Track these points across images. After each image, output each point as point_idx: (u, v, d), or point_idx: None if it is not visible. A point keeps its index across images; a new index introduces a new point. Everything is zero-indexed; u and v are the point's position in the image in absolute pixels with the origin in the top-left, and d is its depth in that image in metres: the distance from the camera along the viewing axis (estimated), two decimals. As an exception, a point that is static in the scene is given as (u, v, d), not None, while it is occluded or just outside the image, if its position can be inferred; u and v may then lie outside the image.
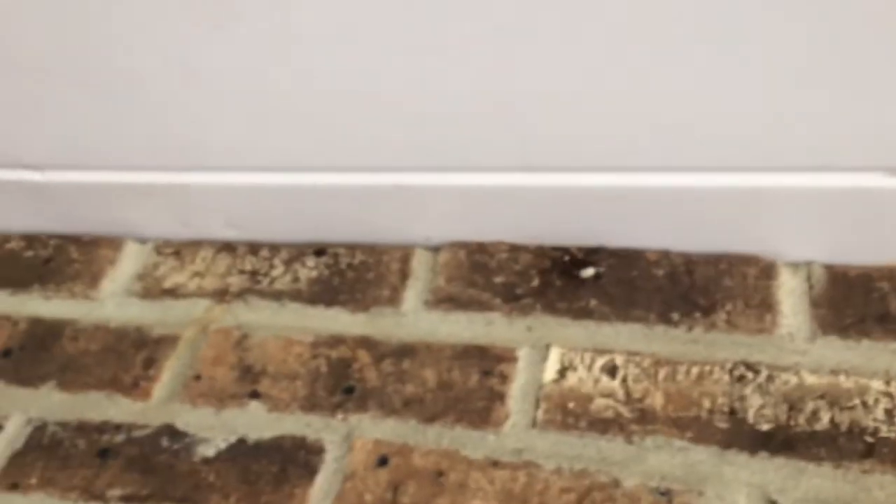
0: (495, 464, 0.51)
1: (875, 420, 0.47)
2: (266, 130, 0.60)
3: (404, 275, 0.63)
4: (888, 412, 0.48)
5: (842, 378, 0.50)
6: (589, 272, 0.59)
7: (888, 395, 0.48)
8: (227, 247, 0.69)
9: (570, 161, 0.57)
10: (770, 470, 0.47)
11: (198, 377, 0.60)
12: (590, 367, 0.54)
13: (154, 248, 0.71)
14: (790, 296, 0.55)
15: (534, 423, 0.52)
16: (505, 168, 0.58)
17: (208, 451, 0.56)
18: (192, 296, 0.66)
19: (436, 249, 0.64)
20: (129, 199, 0.69)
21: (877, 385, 0.49)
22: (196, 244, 0.70)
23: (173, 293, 0.66)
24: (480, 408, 0.54)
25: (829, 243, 0.55)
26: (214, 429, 0.57)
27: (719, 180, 0.54)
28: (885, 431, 0.47)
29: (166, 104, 0.60)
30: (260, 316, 0.63)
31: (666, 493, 0.47)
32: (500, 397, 0.54)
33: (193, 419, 0.58)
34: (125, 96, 0.60)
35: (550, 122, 0.54)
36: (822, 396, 0.49)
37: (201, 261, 0.69)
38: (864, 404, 0.48)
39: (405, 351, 0.58)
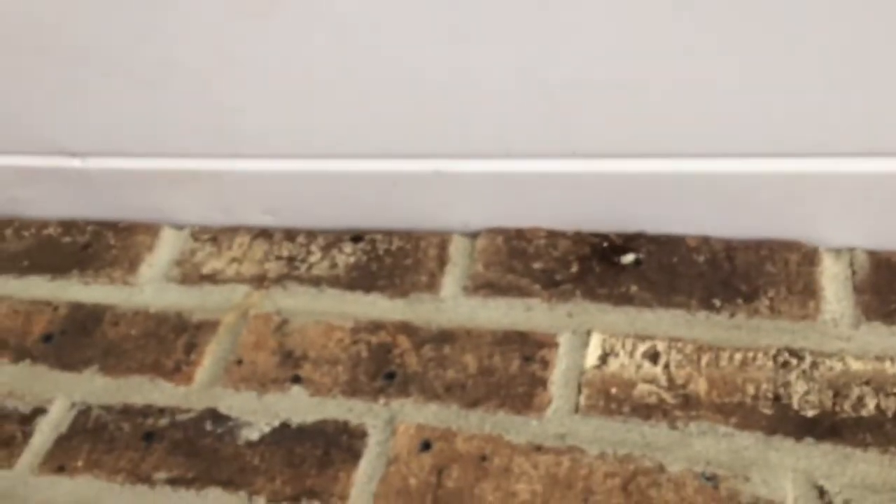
0: (539, 448, 0.51)
1: (922, 406, 0.48)
2: (304, 117, 0.61)
3: (442, 261, 0.64)
4: (935, 399, 0.48)
5: (887, 364, 0.50)
6: (629, 258, 0.59)
7: (935, 381, 0.48)
8: (264, 233, 0.69)
9: (610, 147, 0.57)
10: (816, 456, 0.47)
11: (239, 362, 0.61)
12: (631, 354, 0.54)
13: (191, 234, 0.71)
14: (833, 282, 0.54)
15: (576, 409, 0.53)
16: (544, 154, 0.58)
17: (252, 434, 0.57)
18: (231, 281, 0.66)
19: (473, 235, 0.65)
20: (167, 186, 0.70)
21: (923, 371, 0.49)
22: (232, 230, 0.70)
23: (212, 279, 0.67)
24: (522, 393, 0.54)
25: (872, 229, 0.55)
26: (257, 413, 0.58)
27: (760, 166, 0.54)
28: (932, 418, 0.47)
29: (204, 91, 0.60)
30: (298, 301, 0.64)
31: (712, 479, 0.48)
32: (542, 383, 0.55)
33: (236, 403, 0.59)
34: (164, 84, 0.60)
35: (590, 108, 0.54)
36: (867, 382, 0.49)
37: (238, 247, 0.69)
38: (911, 391, 0.48)
39: (445, 337, 0.59)
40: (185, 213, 0.72)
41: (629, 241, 0.60)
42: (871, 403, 0.48)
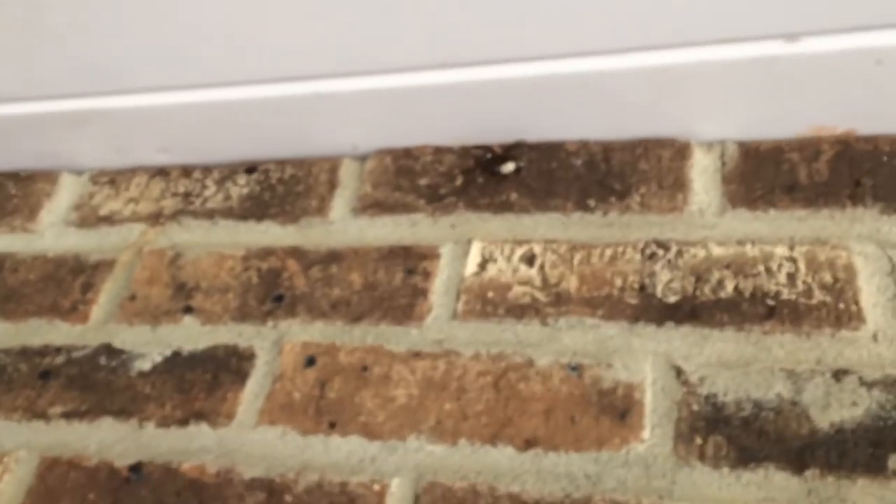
0: (417, 355, 0.52)
1: (777, 284, 0.48)
2: (185, 45, 0.60)
3: (332, 185, 0.64)
4: (790, 276, 0.49)
5: (748, 247, 0.50)
6: (509, 167, 0.60)
7: (791, 259, 0.49)
8: (161, 172, 0.69)
9: (481, 54, 0.56)
10: (676, 339, 0.48)
11: (133, 297, 0.61)
12: (509, 258, 0.55)
13: (90, 178, 0.71)
14: (703, 174, 0.55)
15: (454, 315, 0.53)
16: (418, 67, 0.58)
17: (144, 365, 0.57)
18: (128, 221, 0.66)
19: (363, 158, 0.65)
20: (62, 130, 0.69)
21: (781, 251, 0.50)
22: (131, 171, 0.70)
23: (109, 220, 0.67)
24: (404, 304, 0.55)
25: (741, 119, 0.55)
26: (150, 344, 0.58)
27: (629, 61, 0.54)
28: (786, 294, 0.48)
29: (80, 26, 0.59)
30: (193, 235, 0.64)
31: (576, 368, 0.49)
32: (423, 293, 0.55)
33: (130, 337, 0.59)
34: (36, 23, 0.59)
35: (457, 14, 0.54)
36: (727, 266, 0.50)
37: (136, 187, 0.69)
38: (768, 270, 0.49)
39: (333, 257, 0.59)
40: (83, 157, 0.71)
41: (510, 151, 0.60)
42: (729, 285, 0.49)
